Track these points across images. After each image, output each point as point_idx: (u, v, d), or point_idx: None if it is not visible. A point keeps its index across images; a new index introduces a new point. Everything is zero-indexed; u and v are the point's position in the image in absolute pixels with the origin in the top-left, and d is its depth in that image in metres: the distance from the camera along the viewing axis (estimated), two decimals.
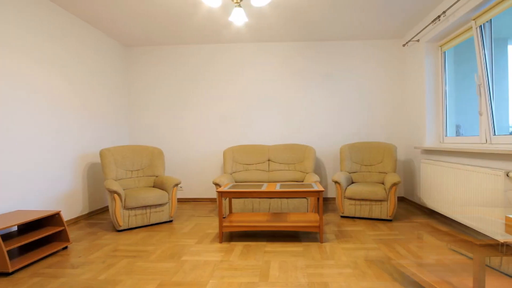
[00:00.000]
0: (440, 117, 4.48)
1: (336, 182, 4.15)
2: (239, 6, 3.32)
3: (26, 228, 3.20)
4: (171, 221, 4.26)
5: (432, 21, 4.00)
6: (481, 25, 3.45)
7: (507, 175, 2.78)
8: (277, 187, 3.41)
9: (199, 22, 4.56)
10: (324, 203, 5.26)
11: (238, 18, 3.37)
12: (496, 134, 3.32)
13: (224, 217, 4.30)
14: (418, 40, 4.69)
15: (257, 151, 5.05)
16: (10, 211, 3.24)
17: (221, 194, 3.33)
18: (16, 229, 3.21)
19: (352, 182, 4.64)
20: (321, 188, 3.27)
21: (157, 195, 3.99)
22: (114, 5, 3.99)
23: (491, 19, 3.35)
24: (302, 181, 4.75)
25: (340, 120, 5.41)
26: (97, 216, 4.60)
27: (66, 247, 3.26)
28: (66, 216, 4.13)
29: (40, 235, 2.94)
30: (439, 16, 3.85)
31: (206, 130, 5.59)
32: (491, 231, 2.94)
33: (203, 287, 2.33)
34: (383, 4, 4.03)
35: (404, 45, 4.94)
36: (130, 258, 2.95)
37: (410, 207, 4.80)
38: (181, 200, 5.67)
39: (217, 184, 4.13)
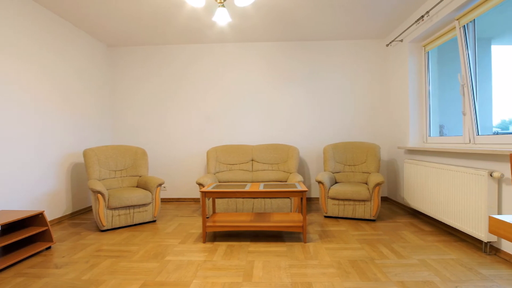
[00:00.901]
0: (423, 117, 4.53)
1: (319, 182, 4.16)
2: (223, 6, 3.30)
3: (10, 228, 3.17)
4: (154, 221, 4.24)
5: (416, 21, 4.03)
6: (464, 25, 3.49)
7: (491, 175, 2.82)
8: (261, 187, 3.42)
9: (183, 22, 4.52)
10: (307, 203, 5.29)
11: (222, 18, 3.36)
12: (479, 134, 3.35)
13: (207, 217, 4.28)
14: (401, 40, 4.72)
15: (240, 151, 5.05)
16: None
17: (205, 194, 3.33)
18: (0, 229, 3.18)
19: (336, 182, 4.67)
20: (304, 188, 3.29)
21: (140, 195, 3.97)
22: (97, 5, 3.93)
23: (474, 19, 3.38)
24: (286, 181, 4.76)
25: (324, 120, 5.43)
26: (81, 216, 4.56)
27: (49, 247, 3.25)
28: (49, 216, 4.09)
29: (24, 235, 2.92)
30: (422, 16, 3.87)
31: (190, 130, 5.57)
32: (475, 231, 2.99)
33: (186, 287, 2.34)
34: (366, 4, 4.05)
35: (387, 45, 4.96)
36: (113, 258, 2.94)
37: (394, 207, 4.85)
38: (164, 200, 5.64)
39: (200, 184, 4.13)
